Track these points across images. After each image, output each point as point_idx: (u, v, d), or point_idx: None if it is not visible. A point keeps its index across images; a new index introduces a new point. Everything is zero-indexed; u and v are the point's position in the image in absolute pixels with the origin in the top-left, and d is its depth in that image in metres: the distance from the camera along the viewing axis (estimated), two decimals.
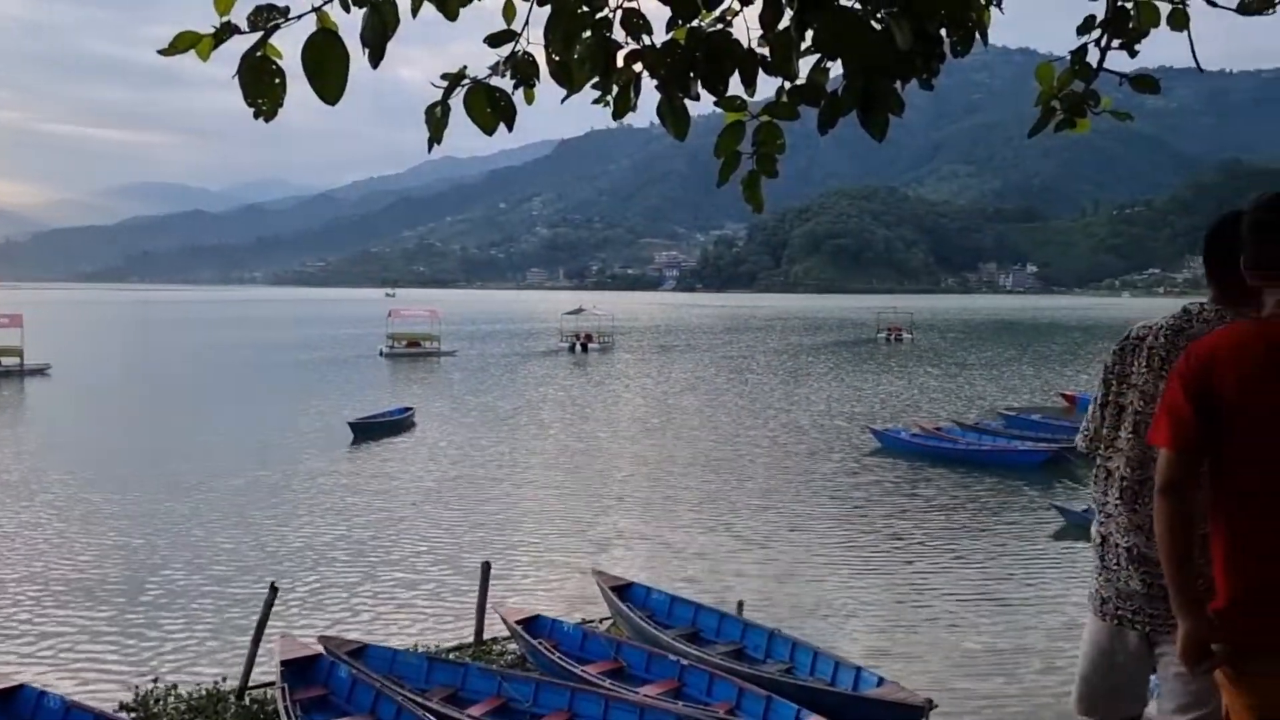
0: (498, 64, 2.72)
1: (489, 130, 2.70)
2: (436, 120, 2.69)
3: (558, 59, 2.71)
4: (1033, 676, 10.12)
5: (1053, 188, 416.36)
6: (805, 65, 2.79)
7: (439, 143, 2.71)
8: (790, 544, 15.62)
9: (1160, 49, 2.92)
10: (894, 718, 7.94)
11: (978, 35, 3.10)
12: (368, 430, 26.22)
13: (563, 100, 2.83)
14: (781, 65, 2.64)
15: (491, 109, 2.65)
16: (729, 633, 9.87)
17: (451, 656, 9.38)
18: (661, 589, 10.97)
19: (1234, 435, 2.27)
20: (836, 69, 2.76)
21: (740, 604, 10.89)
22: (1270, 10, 2.90)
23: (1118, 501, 2.85)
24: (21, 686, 7.85)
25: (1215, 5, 2.92)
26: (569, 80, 2.73)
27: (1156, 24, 3.06)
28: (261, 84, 2.16)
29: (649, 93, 2.77)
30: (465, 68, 2.70)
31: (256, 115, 2.22)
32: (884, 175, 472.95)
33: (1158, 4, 3.06)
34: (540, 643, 9.25)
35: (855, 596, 12.95)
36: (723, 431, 27.61)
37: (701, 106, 2.78)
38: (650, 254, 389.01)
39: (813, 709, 7.66)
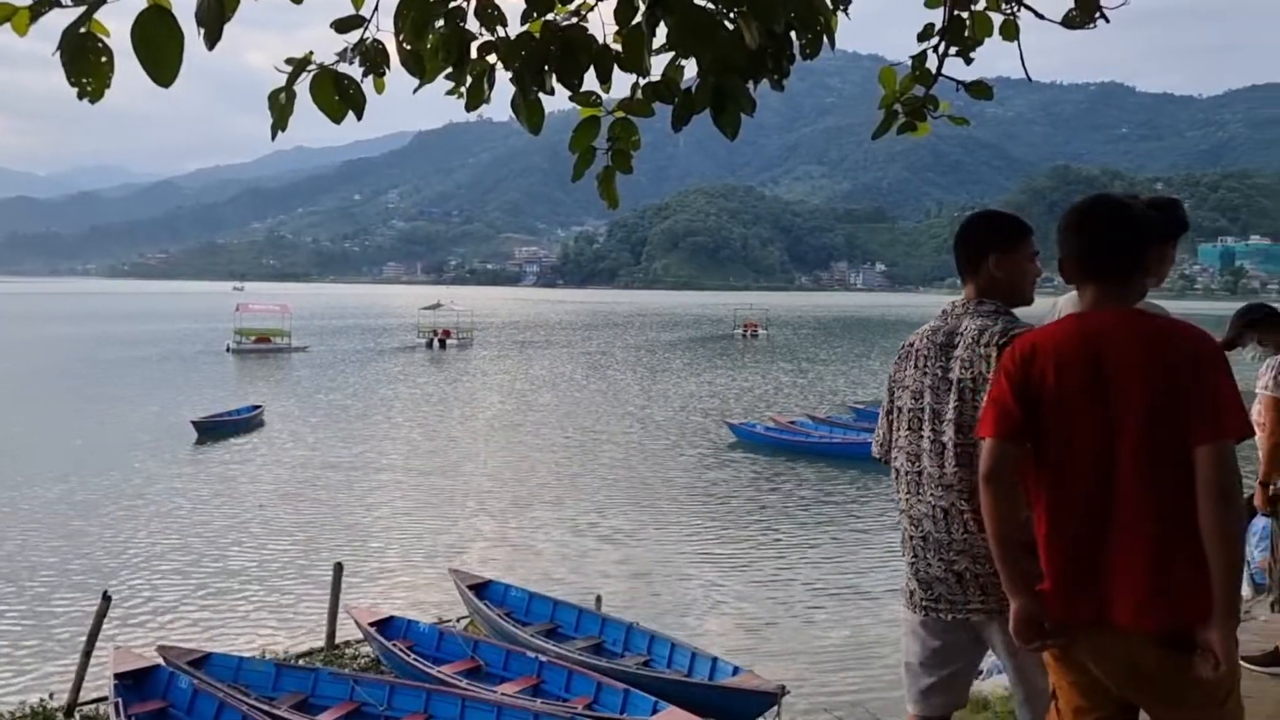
0: (345, 50, 2.64)
1: (337, 119, 2.62)
2: (281, 107, 2.59)
3: (409, 48, 2.65)
4: (883, 663, 10.50)
5: (900, 190, 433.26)
6: (661, 62, 2.81)
7: (283, 130, 2.61)
8: (649, 538, 15.77)
9: (1000, 60, 3.05)
10: (748, 705, 8.12)
11: (826, 39, 3.20)
12: (212, 430, 25.12)
13: (415, 90, 2.77)
14: (634, 61, 2.64)
15: (340, 97, 2.57)
16: (588, 628, 9.90)
17: (301, 662, 9.11)
18: (520, 586, 10.91)
19: (1050, 423, 2.39)
20: (692, 67, 2.79)
21: (599, 599, 10.95)
22: (1091, 25, 3.08)
23: (905, 495, 2.96)
24: None
25: (1042, 18, 3.09)
26: (421, 70, 2.68)
27: (990, 34, 3.22)
28: (86, 63, 2.03)
29: (506, 86, 2.74)
30: (311, 53, 2.61)
31: (81, 96, 2.08)
32: (741, 175, 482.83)
33: (991, 15, 3.22)
34: (395, 644, 9.07)
35: (713, 588, 13.17)
36: (582, 428, 27.64)
37: (561, 101, 2.77)
38: (510, 249, 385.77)
39: (670, 700, 7.77)
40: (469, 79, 2.71)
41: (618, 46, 2.65)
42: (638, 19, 2.60)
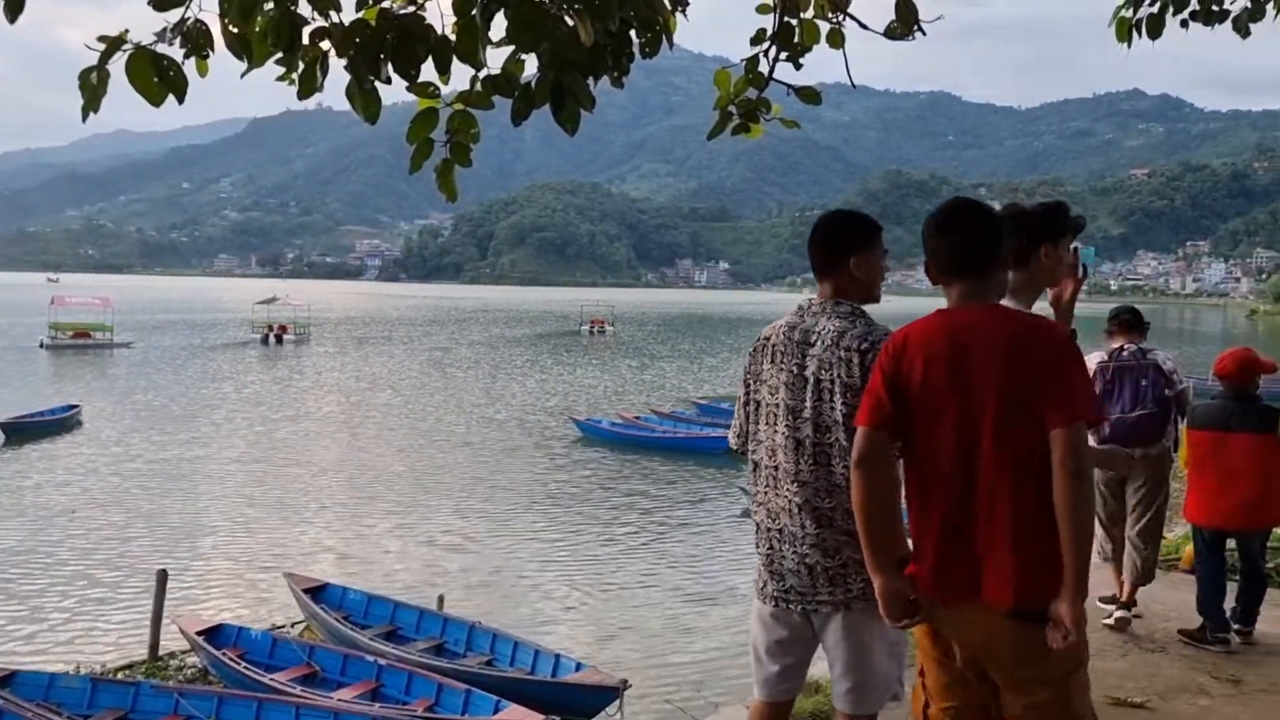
0: (164, 30, 2.51)
1: (156, 102, 2.49)
2: (92, 88, 2.45)
3: (234, 30, 2.55)
4: (724, 652, 10.73)
5: (743, 189, 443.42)
6: (502, 55, 2.79)
7: (95, 112, 2.47)
8: (494, 536, 15.63)
9: (837, 66, 3.18)
10: (591, 699, 8.17)
11: (665, 39, 3.25)
12: (22, 431, 23.39)
13: (242, 75, 2.66)
14: (469, 53, 2.61)
15: (159, 79, 2.45)
16: (429, 629, 9.74)
17: (120, 676, 8.60)
18: (359, 588, 10.64)
19: (919, 412, 2.53)
20: (533, 62, 2.77)
21: (441, 599, 10.77)
22: (910, 37, 3.23)
23: (763, 488, 3.02)
24: None
25: (865, 29, 3.23)
26: (248, 54, 2.57)
27: (817, 40, 3.34)
28: None
29: (342, 73, 2.66)
30: (127, 31, 2.47)
31: None
32: (588, 171, 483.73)
33: (819, 23, 3.34)
34: (224, 653, 8.69)
35: (559, 585, 13.17)
36: (423, 426, 27.09)
37: (405, 90, 2.71)
38: (351, 242, 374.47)
39: (513, 698, 7.73)
40: (301, 65, 2.62)
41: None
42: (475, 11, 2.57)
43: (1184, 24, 4.21)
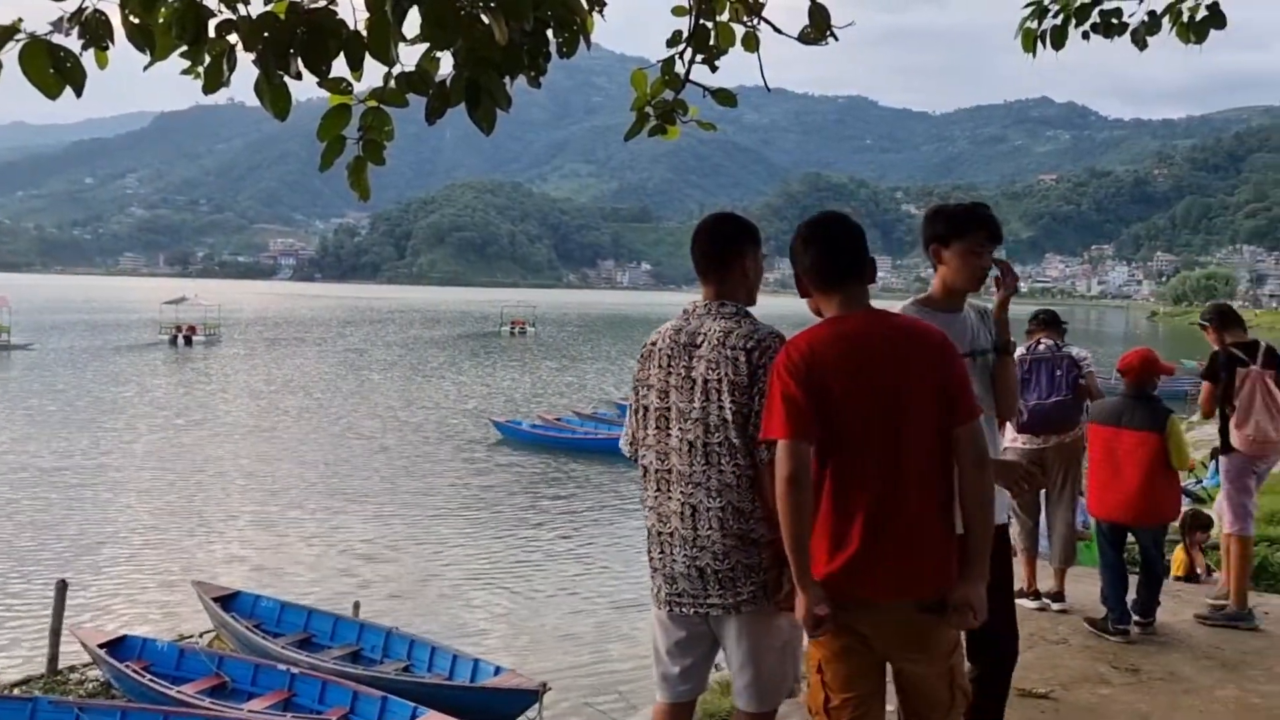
0: (61, 19, 2.42)
1: (52, 94, 2.39)
2: None
3: (136, 21, 2.46)
4: (647, 655, 10.74)
5: (664, 190, 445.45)
6: (417, 52, 2.74)
7: None
8: (412, 541, 15.42)
9: (756, 70, 3.20)
10: (510, 703, 8.12)
11: (583, 39, 3.23)
12: None
13: (145, 68, 2.57)
14: (381, 50, 2.56)
15: (56, 70, 2.35)
16: (344, 636, 9.57)
17: (17, 691, 8.26)
18: (271, 596, 10.39)
19: (831, 418, 2.56)
20: (449, 60, 2.73)
21: (356, 605, 10.60)
22: (823, 41, 3.27)
23: (654, 492, 3.03)
24: None
25: (780, 33, 3.27)
26: (151, 46, 2.48)
27: (733, 43, 3.36)
28: None
29: (250, 68, 2.58)
30: (20, 20, 2.37)
31: None
32: (509, 170, 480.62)
33: (734, 26, 3.36)
34: (128, 666, 8.41)
35: (479, 589, 13.06)
36: (337, 430, 26.57)
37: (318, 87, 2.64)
38: (264, 241, 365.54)
39: (430, 704, 7.64)
40: (207, 59, 2.54)
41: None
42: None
43: (1085, 35, 4.33)
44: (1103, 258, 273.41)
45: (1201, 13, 4.08)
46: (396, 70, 2.68)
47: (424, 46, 2.68)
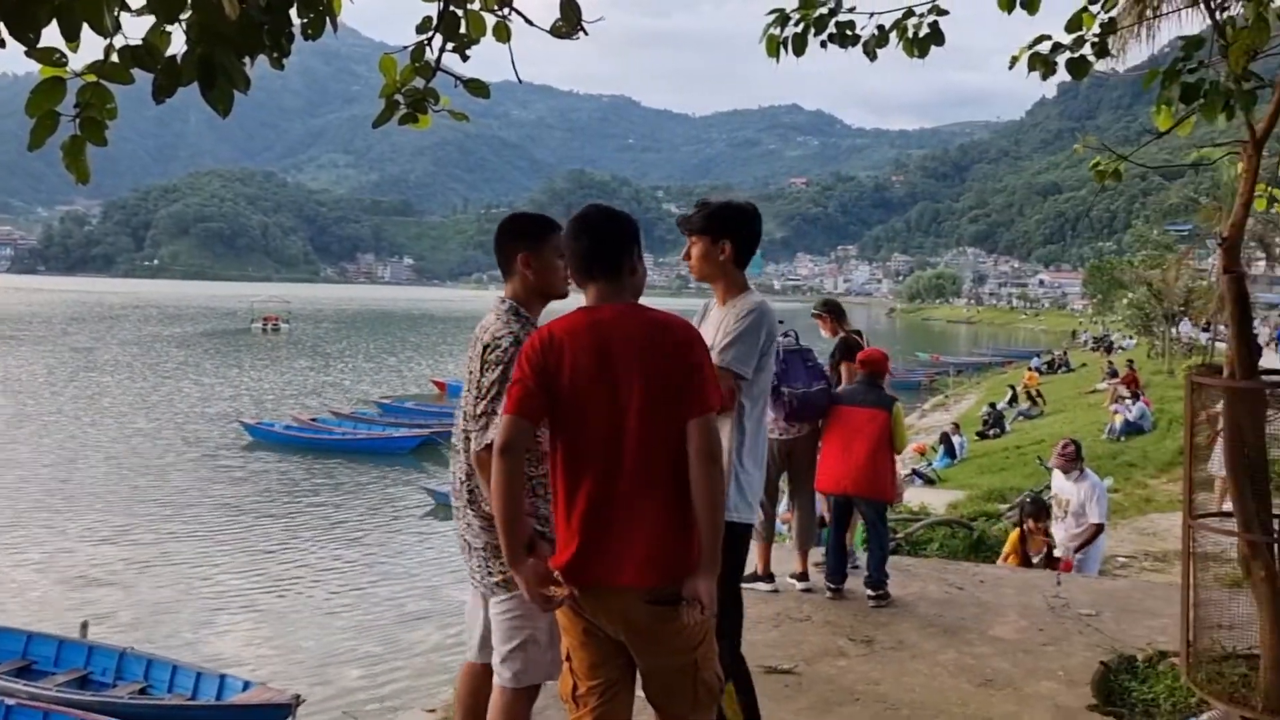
0: None
1: None
2: None
3: None
4: (404, 656, 10.50)
5: (427, 184, 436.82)
6: (147, 25, 2.52)
7: None
8: (153, 553, 14.34)
9: (522, 65, 3.16)
10: (261, 719, 7.69)
11: (329, 21, 3.08)
12: None
13: None
14: (95, 19, 2.34)
15: None
16: (70, 660, 8.76)
17: None
18: None
19: (565, 405, 2.59)
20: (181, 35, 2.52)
21: (84, 625, 9.70)
22: (575, 36, 3.28)
23: (454, 473, 3.23)
24: None
25: (531, 24, 3.23)
26: None
27: (484, 33, 3.30)
28: None
29: None
30: None
31: None
32: (261, 159, 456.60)
33: (485, 16, 3.30)
34: None
35: (229, 602, 12.32)
36: (61, 437, 24.12)
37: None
38: None
39: None
40: None
41: None
42: None
43: (824, 45, 4.57)
44: (847, 258, 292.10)
45: (924, 30, 4.38)
46: (120, 43, 2.46)
47: (152, 18, 2.48)
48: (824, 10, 4.46)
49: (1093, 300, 72.99)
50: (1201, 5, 4.13)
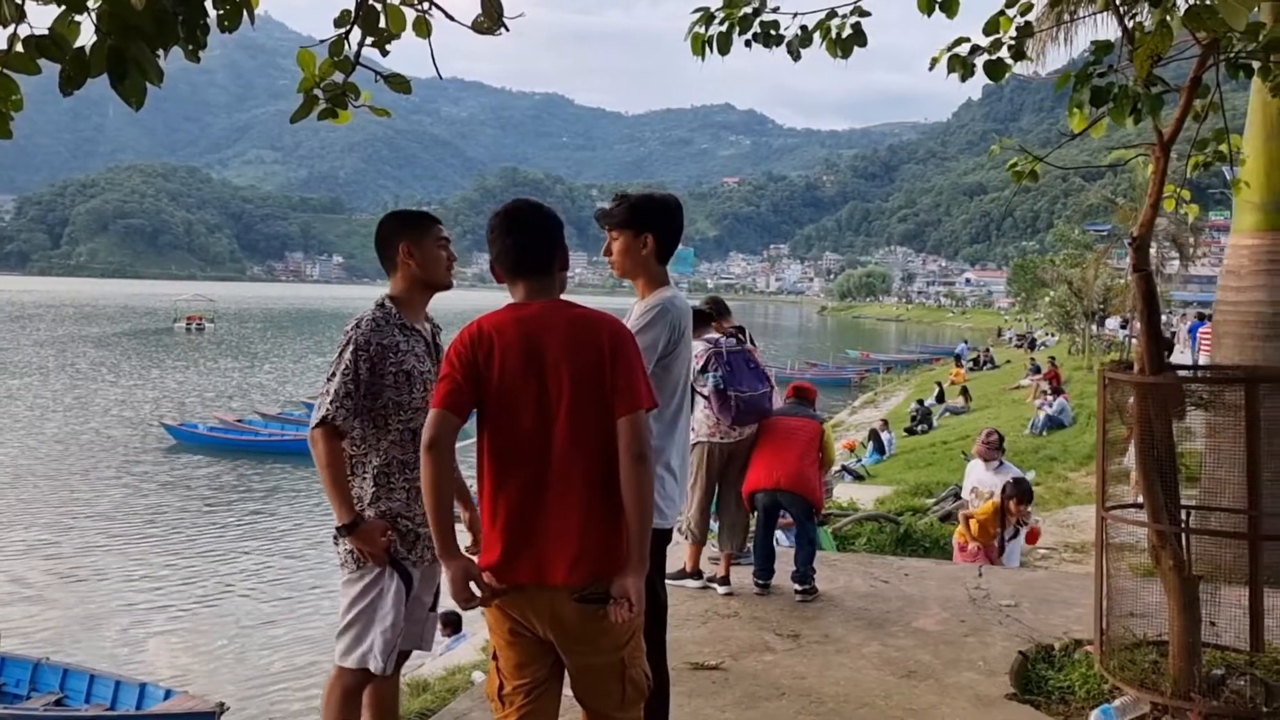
0: None
1: None
2: None
3: None
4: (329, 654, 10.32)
5: (357, 181, 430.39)
6: (53, 14, 2.45)
7: None
8: (71, 563, 13.92)
9: (454, 61, 3.10)
10: None
11: (246, 14, 3.02)
12: None
13: None
14: None
15: None
16: None
17: None
18: None
19: (494, 402, 2.57)
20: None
21: None
22: (497, 33, 3.25)
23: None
24: None
25: (452, 19, 3.20)
26: None
27: (403, 28, 3.25)
28: None
29: None
30: None
31: None
32: (185, 154, 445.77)
33: (405, 10, 3.25)
34: None
35: (152, 609, 12.04)
36: None
37: None
38: None
39: None
40: None
41: None
42: None
43: (748, 44, 4.60)
44: (780, 256, 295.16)
45: (847, 31, 4.43)
46: (25, 32, 2.38)
47: (59, 7, 2.40)
48: (748, 10, 4.49)
49: (1017, 298, 74.64)
50: (1112, 11, 4.25)
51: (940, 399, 28.52)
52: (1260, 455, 4.07)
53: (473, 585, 2.54)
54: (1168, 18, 3.70)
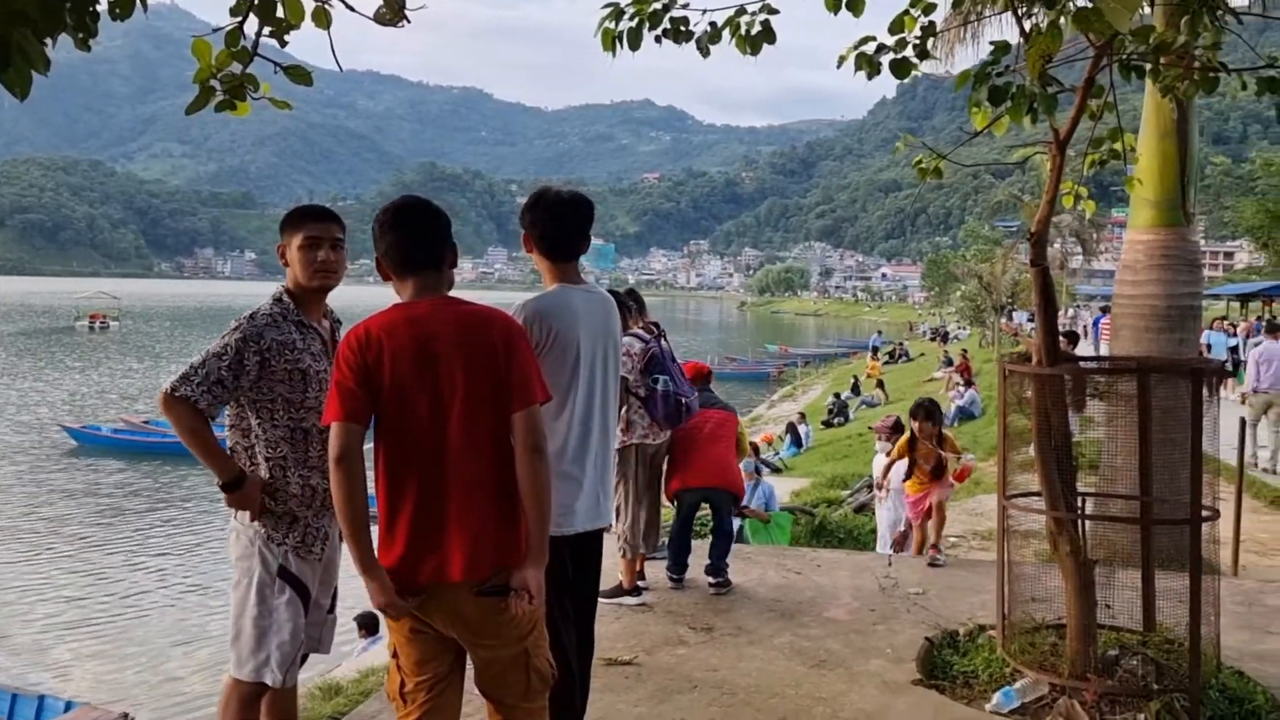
0: None
1: None
2: None
3: None
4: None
5: (269, 176, 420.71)
6: None
7: None
8: None
9: (372, 55, 3.05)
10: None
11: (139, 1, 2.91)
12: None
13: None
14: None
15: None
16: None
17: None
18: None
19: (388, 404, 2.53)
20: None
21: None
22: (399, 25, 3.20)
23: None
24: None
25: (352, 10, 3.14)
26: None
27: (302, 18, 3.17)
28: None
29: None
30: None
31: None
32: (86, 147, 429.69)
33: (303, 0, 3.18)
34: None
35: (47, 615, 11.62)
36: None
37: None
38: None
39: None
40: None
41: None
42: None
43: (658, 40, 4.60)
44: (700, 252, 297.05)
45: (756, 28, 4.46)
46: None
47: None
48: (657, 6, 4.49)
49: (931, 293, 76.36)
50: (1012, 12, 4.36)
51: (856, 391, 29.03)
52: (1152, 443, 4.23)
53: (386, 596, 2.52)
54: (1061, 19, 3.81)
